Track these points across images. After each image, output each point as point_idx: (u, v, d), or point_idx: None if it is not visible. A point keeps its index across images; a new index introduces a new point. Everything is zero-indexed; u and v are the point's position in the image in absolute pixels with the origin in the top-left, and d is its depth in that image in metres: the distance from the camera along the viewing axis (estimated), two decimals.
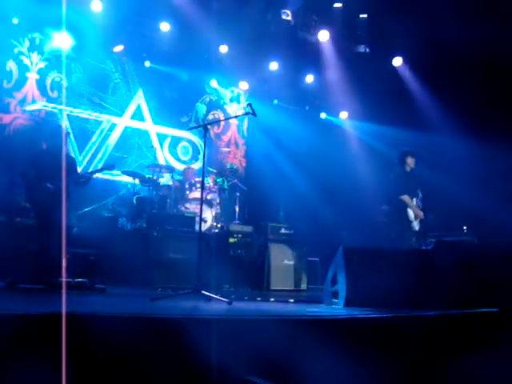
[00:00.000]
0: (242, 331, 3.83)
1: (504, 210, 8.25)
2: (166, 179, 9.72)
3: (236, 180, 10.97)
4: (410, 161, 7.86)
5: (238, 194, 10.31)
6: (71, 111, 9.87)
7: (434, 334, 4.55)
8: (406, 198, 7.64)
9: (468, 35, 8.28)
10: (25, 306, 4.32)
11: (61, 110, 9.74)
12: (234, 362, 3.51)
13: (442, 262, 5.90)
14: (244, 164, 12.08)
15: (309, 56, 10.82)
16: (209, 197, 9.02)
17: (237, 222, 9.76)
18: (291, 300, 6.68)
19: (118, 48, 10.06)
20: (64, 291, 5.72)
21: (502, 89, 8.94)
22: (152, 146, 10.49)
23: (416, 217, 7.64)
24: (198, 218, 7.61)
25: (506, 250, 6.05)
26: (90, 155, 9.98)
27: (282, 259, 8.70)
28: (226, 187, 9.89)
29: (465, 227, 8.42)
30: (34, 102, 9.48)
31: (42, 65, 9.60)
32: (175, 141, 11.21)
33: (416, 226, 7.66)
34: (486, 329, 4.84)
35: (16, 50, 9.37)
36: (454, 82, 9.31)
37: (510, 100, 8.84)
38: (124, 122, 10.58)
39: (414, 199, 7.71)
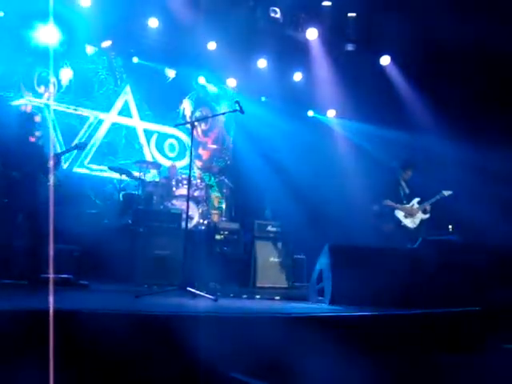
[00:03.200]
0: (228, 328, 3.83)
1: (491, 210, 8.31)
2: (152, 175, 9.69)
3: (223, 177, 10.98)
4: (408, 172, 8.17)
5: (224, 191, 10.29)
6: (58, 106, 9.81)
7: (419, 332, 4.57)
8: (388, 202, 7.95)
9: (457, 34, 8.31)
10: (8, 302, 4.29)
11: (48, 105, 9.67)
12: (219, 359, 3.51)
13: (427, 261, 5.94)
14: (231, 161, 12.07)
15: (297, 54, 10.80)
16: (195, 194, 9.00)
17: (223, 218, 9.74)
18: (277, 297, 6.70)
19: (106, 43, 10.00)
20: (48, 287, 5.70)
21: (492, 88, 8.95)
22: (139, 142, 10.45)
23: (407, 216, 7.92)
24: (184, 215, 7.59)
25: (491, 249, 6.11)
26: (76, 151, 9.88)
27: (268, 256, 8.71)
28: (213, 184, 9.88)
29: (450, 226, 8.47)
30: (20, 96, 9.41)
31: (28, 59, 9.53)
32: (162, 137, 11.17)
33: (409, 223, 7.92)
34: (470, 327, 4.89)
35: None
36: (443, 81, 9.33)
37: (500, 99, 8.86)
38: (111, 117, 10.52)
39: (410, 205, 7.99)
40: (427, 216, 7.99)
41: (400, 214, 7.93)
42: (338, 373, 3.79)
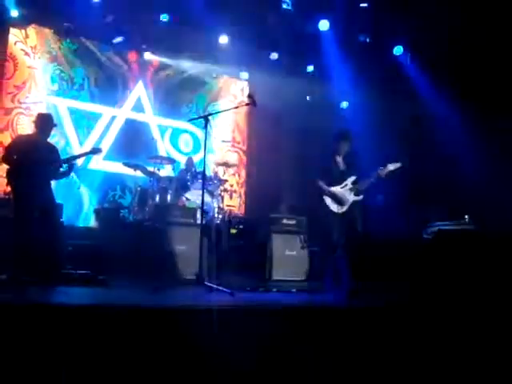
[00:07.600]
0: (244, 321, 3.85)
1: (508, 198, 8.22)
2: (167, 171, 9.70)
3: (238, 171, 10.97)
4: (344, 145, 6.87)
5: (239, 184, 10.26)
6: (71, 103, 9.86)
7: (436, 324, 4.56)
8: (320, 183, 6.82)
9: (470, 25, 8.25)
10: (28, 299, 4.33)
11: (61, 103, 9.72)
12: (235, 352, 3.53)
13: (443, 252, 5.91)
14: (246, 154, 12.05)
15: (309, 46, 10.76)
16: (211, 188, 9.00)
17: (239, 212, 9.72)
18: (293, 290, 6.69)
19: (118, 39, 10.01)
20: (67, 283, 5.75)
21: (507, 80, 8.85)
22: (152, 138, 10.47)
23: (334, 201, 6.79)
24: (199, 209, 7.59)
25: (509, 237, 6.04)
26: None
27: (284, 250, 8.68)
28: (227, 178, 9.84)
29: (466, 216, 8.38)
30: (34, 94, 9.47)
31: (42, 57, 9.59)
32: (176, 132, 11.19)
33: (336, 209, 6.75)
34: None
35: (16, 42, 9.37)
36: (456, 71, 9.26)
37: None
38: (124, 113, 10.56)
39: (342, 185, 6.80)
40: (360, 198, 6.71)
41: (328, 199, 6.82)
42: (353, 364, 3.80)
